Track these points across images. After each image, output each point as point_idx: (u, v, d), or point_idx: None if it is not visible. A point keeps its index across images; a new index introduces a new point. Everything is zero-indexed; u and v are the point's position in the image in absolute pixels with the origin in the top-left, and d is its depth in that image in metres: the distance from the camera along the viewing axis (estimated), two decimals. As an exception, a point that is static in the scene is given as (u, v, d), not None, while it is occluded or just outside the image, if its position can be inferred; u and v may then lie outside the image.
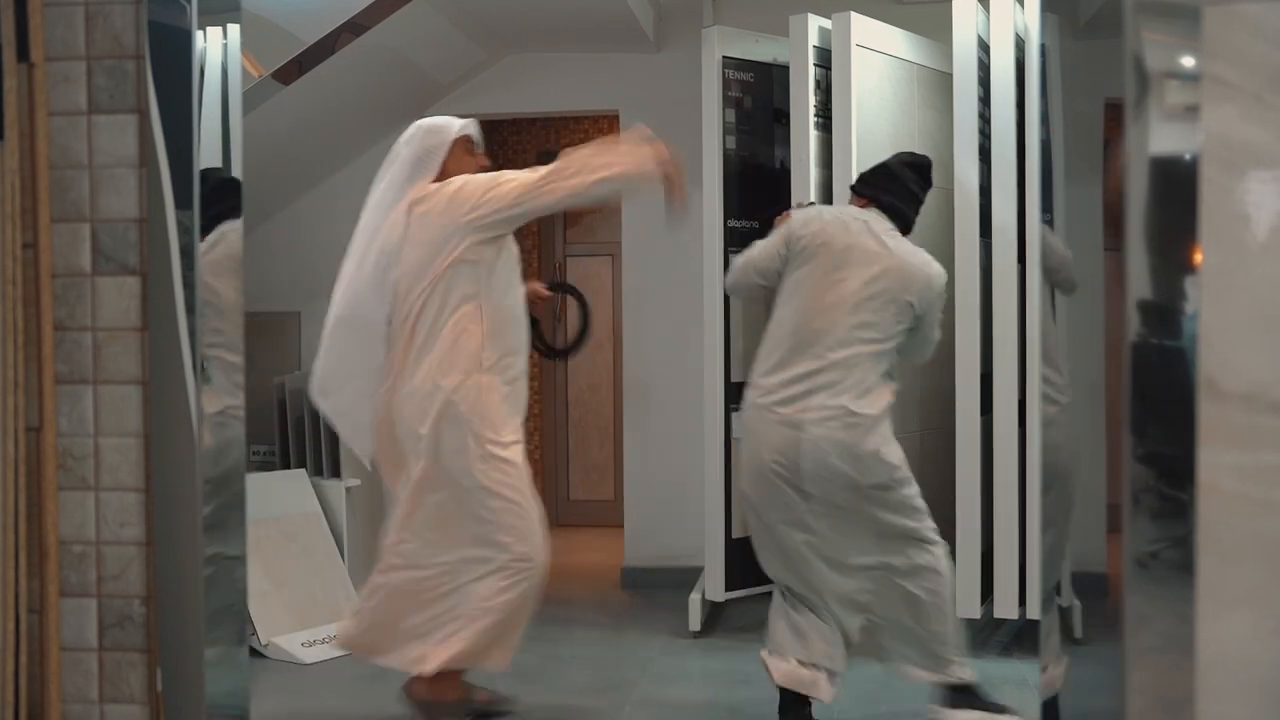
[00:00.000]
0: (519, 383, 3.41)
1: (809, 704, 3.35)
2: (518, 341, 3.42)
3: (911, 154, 3.71)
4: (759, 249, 3.50)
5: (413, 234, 3.35)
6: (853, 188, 3.64)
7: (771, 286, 3.46)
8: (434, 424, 3.27)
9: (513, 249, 3.42)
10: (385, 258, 3.37)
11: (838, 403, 3.26)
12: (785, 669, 3.32)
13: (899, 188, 3.53)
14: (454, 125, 3.47)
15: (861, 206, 3.53)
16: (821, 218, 3.46)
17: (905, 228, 3.51)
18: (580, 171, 3.29)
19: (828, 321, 3.31)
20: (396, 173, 3.44)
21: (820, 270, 3.36)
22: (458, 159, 3.44)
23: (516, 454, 3.34)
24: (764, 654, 3.39)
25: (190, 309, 2.00)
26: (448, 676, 3.37)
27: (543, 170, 3.33)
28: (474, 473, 3.27)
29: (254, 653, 4.34)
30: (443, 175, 3.41)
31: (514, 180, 3.33)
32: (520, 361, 3.42)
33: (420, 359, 3.32)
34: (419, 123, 3.51)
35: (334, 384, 3.47)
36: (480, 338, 3.31)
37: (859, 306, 3.32)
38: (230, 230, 2.16)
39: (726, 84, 4.74)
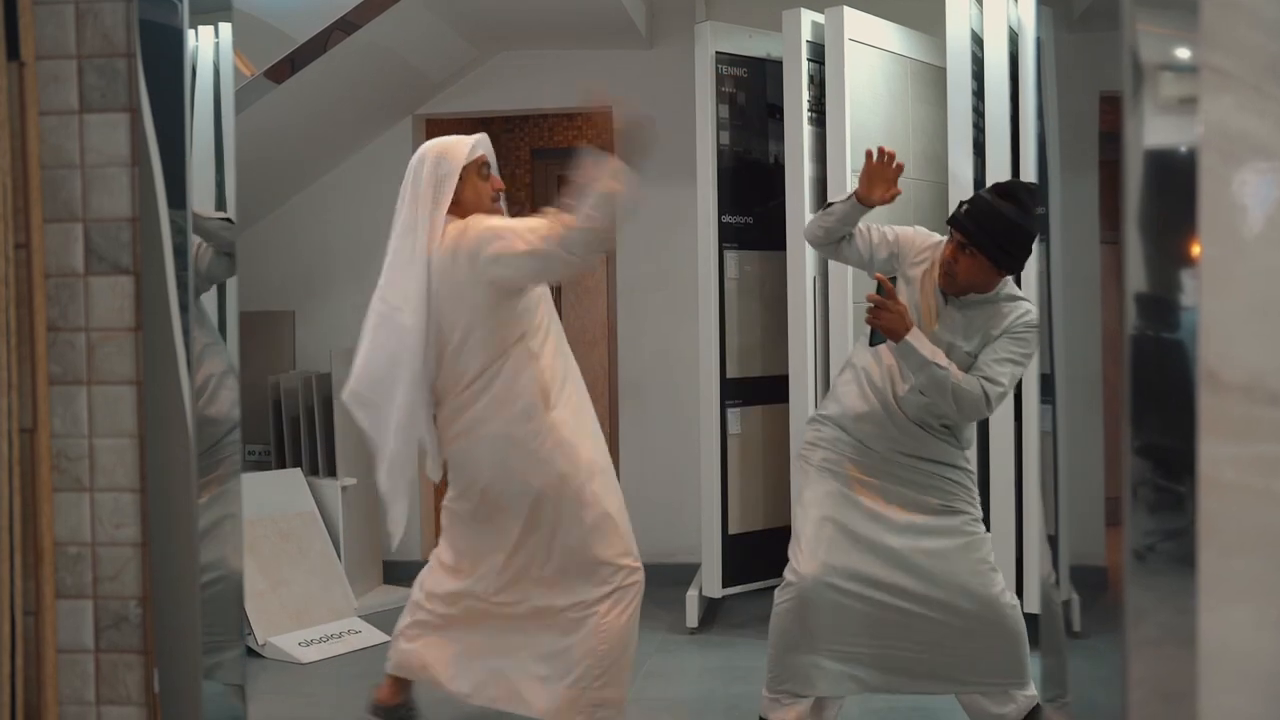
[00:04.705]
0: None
1: None
2: (567, 370, 3.40)
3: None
4: None
5: (440, 274, 3.22)
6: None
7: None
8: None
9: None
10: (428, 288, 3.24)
11: None
12: None
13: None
14: (463, 151, 3.29)
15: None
16: None
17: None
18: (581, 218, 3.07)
19: None
20: (421, 197, 3.26)
21: None
22: (472, 186, 3.29)
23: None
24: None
25: (184, 308, 1.99)
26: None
27: (542, 228, 3.12)
28: None
29: (251, 652, 4.33)
30: (457, 203, 3.26)
31: (518, 238, 3.14)
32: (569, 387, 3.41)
33: (478, 400, 3.26)
34: (428, 145, 3.33)
35: (381, 392, 3.26)
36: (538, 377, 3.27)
37: None
38: None
39: (719, 79, 4.73)
